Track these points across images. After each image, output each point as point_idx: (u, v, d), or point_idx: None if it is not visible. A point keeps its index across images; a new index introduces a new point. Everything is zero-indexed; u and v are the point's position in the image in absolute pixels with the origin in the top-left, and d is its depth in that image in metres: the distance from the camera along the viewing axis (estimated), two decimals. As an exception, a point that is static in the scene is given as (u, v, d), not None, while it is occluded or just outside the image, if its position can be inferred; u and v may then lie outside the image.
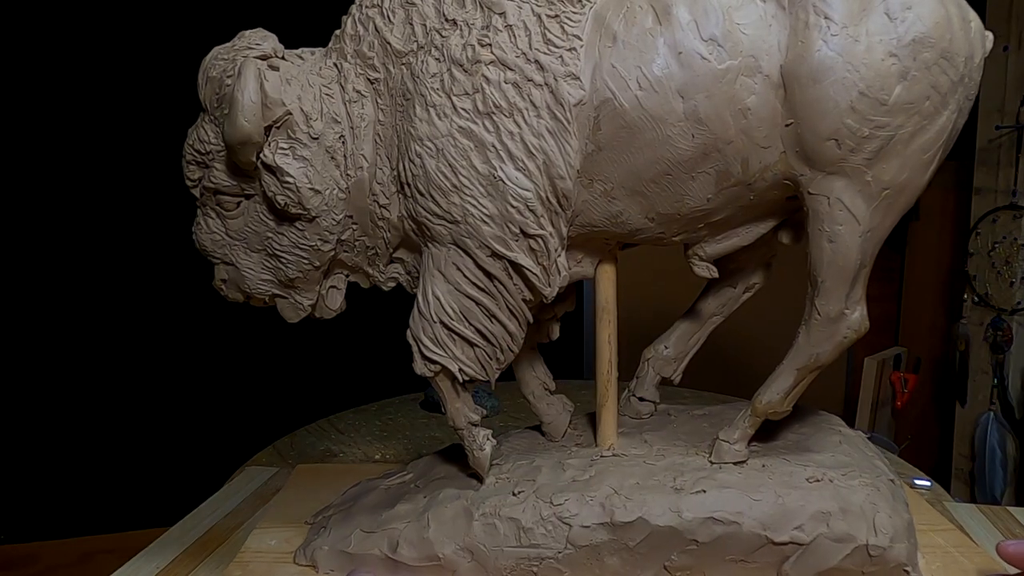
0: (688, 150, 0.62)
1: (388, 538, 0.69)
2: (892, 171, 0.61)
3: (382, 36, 0.66)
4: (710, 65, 0.60)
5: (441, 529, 0.68)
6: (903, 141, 0.60)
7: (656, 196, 0.64)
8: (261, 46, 0.65)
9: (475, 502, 0.69)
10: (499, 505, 0.68)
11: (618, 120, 0.62)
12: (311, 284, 0.71)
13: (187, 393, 1.59)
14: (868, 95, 0.58)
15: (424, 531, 0.68)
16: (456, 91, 0.62)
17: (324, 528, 0.74)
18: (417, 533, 0.69)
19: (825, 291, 0.64)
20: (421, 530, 0.69)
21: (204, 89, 0.65)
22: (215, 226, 0.70)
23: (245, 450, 1.18)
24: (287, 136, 0.64)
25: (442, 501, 0.70)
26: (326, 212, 0.67)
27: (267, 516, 0.82)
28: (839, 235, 0.63)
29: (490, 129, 0.62)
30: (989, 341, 1.99)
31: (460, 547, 0.67)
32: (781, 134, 0.62)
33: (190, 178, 0.69)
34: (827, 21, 0.59)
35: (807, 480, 0.67)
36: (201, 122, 0.67)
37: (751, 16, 0.60)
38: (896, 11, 0.58)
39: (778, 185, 0.65)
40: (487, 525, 0.67)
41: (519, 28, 0.62)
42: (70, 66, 1.51)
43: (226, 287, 0.73)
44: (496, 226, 0.63)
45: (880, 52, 0.58)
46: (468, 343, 0.67)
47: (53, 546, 1.23)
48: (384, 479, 0.81)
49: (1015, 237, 1.94)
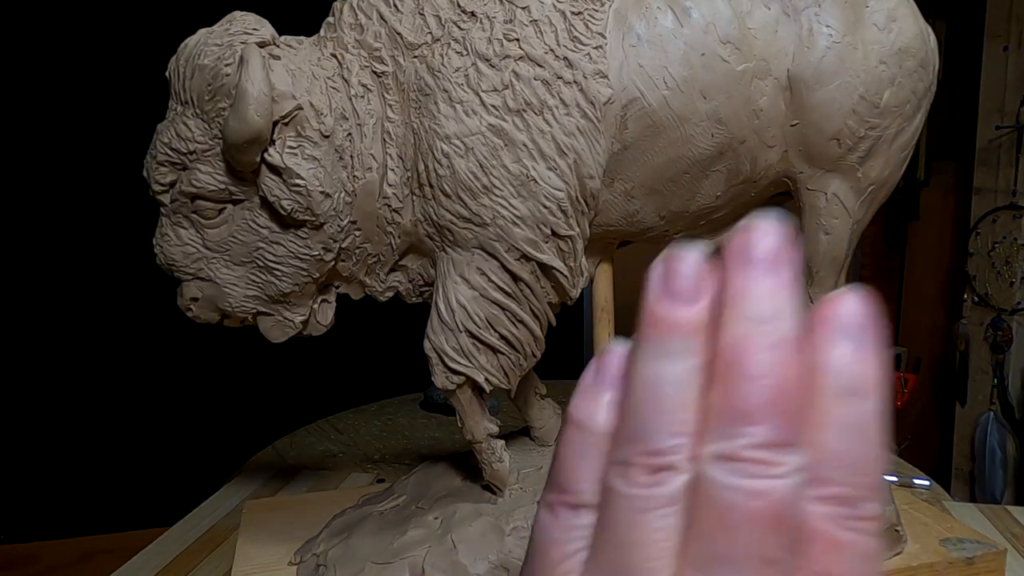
0: (707, 149, 0.64)
1: (410, 567, 0.64)
2: (877, 168, 0.67)
3: (390, 26, 0.61)
4: (729, 67, 0.62)
5: (470, 549, 0.64)
6: (888, 141, 0.66)
7: (671, 194, 0.66)
8: (260, 31, 0.58)
9: (501, 516, 0.66)
10: (528, 516, 0.65)
11: (645, 119, 0.62)
12: (305, 298, 0.65)
13: (187, 393, 1.56)
14: (866, 98, 0.64)
15: (451, 553, 0.64)
16: (484, 87, 0.59)
17: (323, 566, 0.67)
18: (444, 557, 0.64)
19: (819, 280, 0.69)
20: (447, 553, 0.64)
21: (190, 79, 0.57)
22: (189, 237, 0.61)
23: (245, 450, 1.18)
24: (296, 134, 0.58)
25: (462, 520, 0.66)
26: (333, 218, 0.61)
27: (242, 558, 0.73)
28: (834, 228, 0.68)
29: (521, 127, 0.60)
30: (989, 341, 1.99)
31: (495, 564, 0.64)
32: (785, 134, 0.66)
33: (160, 182, 0.59)
34: (828, 29, 0.63)
35: (804, 458, 0.72)
36: (180, 117, 0.58)
37: (760, 21, 0.64)
38: (883, 23, 0.64)
39: (775, 182, 0.69)
40: (521, 539, 0.64)
41: (544, 23, 0.60)
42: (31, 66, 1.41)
43: (197, 307, 0.64)
44: (528, 228, 0.61)
45: (874, 59, 0.64)
46: (493, 351, 0.64)
47: (53, 546, 1.20)
48: (373, 505, 0.75)
49: (1015, 237, 1.94)
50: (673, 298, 0.19)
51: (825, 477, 0.18)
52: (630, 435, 0.19)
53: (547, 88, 0.60)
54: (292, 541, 0.75)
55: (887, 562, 0.70)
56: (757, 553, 0.17)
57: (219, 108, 0.56)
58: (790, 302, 0.18)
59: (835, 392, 0.18)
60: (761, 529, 0.17)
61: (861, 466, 0.18)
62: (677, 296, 0.19)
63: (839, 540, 0.18)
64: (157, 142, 0.59)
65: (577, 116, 0.61)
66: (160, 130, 0.59)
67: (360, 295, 0.69)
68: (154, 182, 0.60)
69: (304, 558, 0.71)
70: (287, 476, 1.06)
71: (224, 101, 0.56)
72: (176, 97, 0.58)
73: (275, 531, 0.78)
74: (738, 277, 0.18)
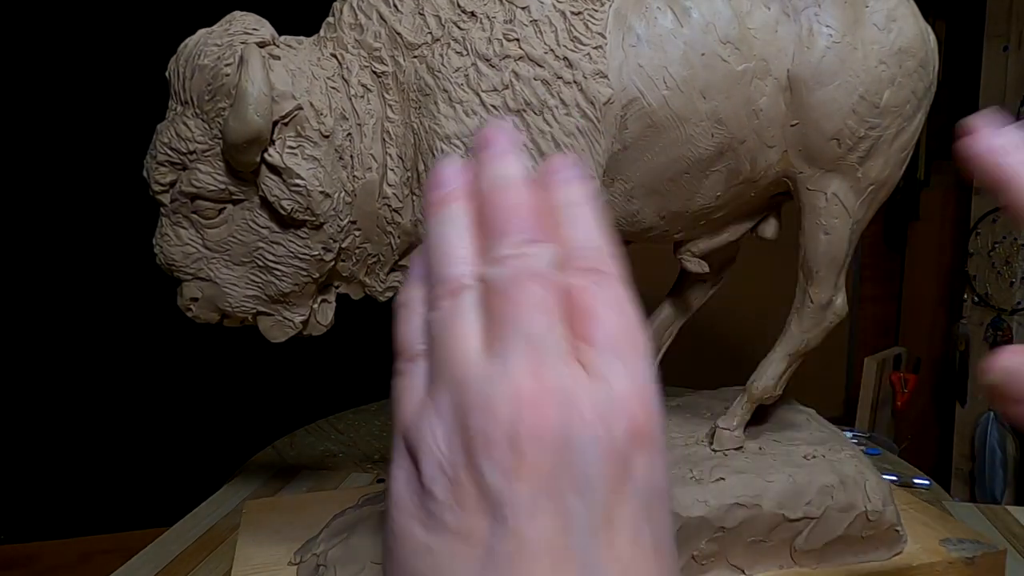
0: (708, 149, 0.64)
1: (410, 567, 0.64)
2: (877, 168, 0.67)
3: (390, 26, 0.61)
4: (729, 67, 0.62)
5: (470, 549, 0.64)
6: (888, 141, 0.66)
7: (671, 194, 0.66)
8: (259, 31, 0.58)
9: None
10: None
11: (645, 119, 0.62)
12: (305, 298, 0.65)
13: (187, 393, 1.55)
14: (866, 98, 0.64)
15: (451, 554, 0.64)
16: (484, 87, 0.59)
17: (323, 566, 0.67)
18: (444, 557, 0.64)
19: (819, 280, 0.69)
20: (447, 553, 0.64)
21: (190, 79, 0.57)
22: (189, 237, 0.61)
23: (245, 450, 1.18)
24: (296, 134, 0.58)
25: (462, 520, 0.66)
26: (333, 217, 0.61)
27: (242, 558, 0.73)
28: (834, 227, 0.68)
29: (520, 127, 0.60)
30: (989, 341, 1.98)
31: (494, 565, 0.64)
32: (785, 134, 0.65)
33: (159, 182, 0.59)
34: (828, 29, 0.63)
35: (804, 458, 0.72)
36: (180, 117, 0.58)
37: (760, 21, 0.64)
38: (883, 23, 0.64)
39: (775, 182, 0.69)
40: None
41: (544, 24, 0.60)
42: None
43: (196, 307, 0.63)
44: (527, 228, 0.61)
45: (874, 59, 0.64)
46: (493, 351, 0.64)
47: (53, 546, 1.21)
48: (373, 505, 0.75)
49: (1015, 237, 1.93)
50: (438, 185, 0.27)
51: (573, 257, 0.25)
52: (433, 280, 0.26)
53: (547, 88, 0.60)
54: (292, 541, 0.75)
55: (887, 562, 0.70)
56: (531, 304, 0.23)
57: (219, 108, 0.56)
58: (519, 165, 0.27)
59: (564, 204, 0.27)
60: (528, 289, 0.24)
61: (596, 244, 0.26)
62: (440, 184, 0.27)
63: (594, 290, 0.25)
64: (157, 142, 0.59)
65: (577, 116, 0.61)
66: (160, 130, 0.59)
67: (360, 295, 0.69)
68: (154, 182, 0.60)
69: (304, 558, 0.71)
70: (287, 476, 1.06)
71: (224, 101, 0.56)
72: (176, 97, 0.58)
73: (275, 531, 0.78)
74: (480, 160, 0.27)
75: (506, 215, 0.25)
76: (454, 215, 0.26)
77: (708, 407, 0.83)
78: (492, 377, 0.23)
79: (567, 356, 0.23)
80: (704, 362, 1.50)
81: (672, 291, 0.83)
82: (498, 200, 0.26)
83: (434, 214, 0.27)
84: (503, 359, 0.23)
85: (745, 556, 0.69)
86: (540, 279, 0.24)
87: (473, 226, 0.26)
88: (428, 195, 0.27)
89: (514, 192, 0.26)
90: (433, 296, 0.25)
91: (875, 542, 0.70)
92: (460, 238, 0.26)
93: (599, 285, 0.25)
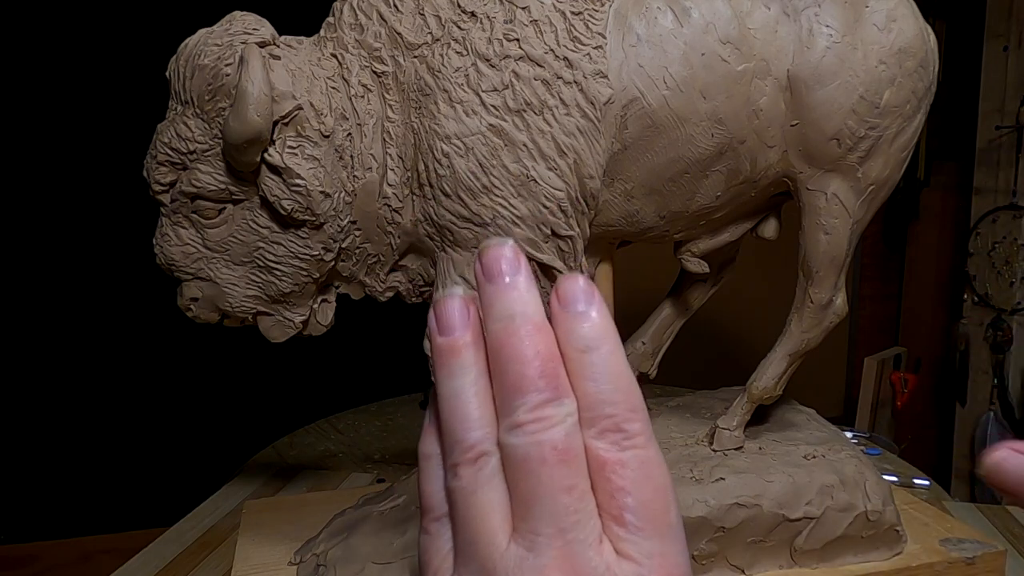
0: (707, 149, 0.64)
1: (410, 567, 0.64)
2: (877, 168, 0.67)
3: (390, 26, 0.61)
4: (729, 67, 0.62)
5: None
6: (888, 141, 0.66)
7: (671, 194, 0.66)
8: (259, 31, 0.58)
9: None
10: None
11: (645, 120, 0.62)
12: (305, 298, 0.65)
13: (187, 393, 1.55)
14: (866, 98, 0.64)
15: (451, 554, 0.64)
16: (484, 87, 0.59)
17: (323, 566, 0.67)
18: (444, 557, 0.64)
19: (819, 280, 0.69)
20: (447, 553, 0.64)
21: (190, 79, 0.57)
22: (189, 237, 0.61)
23: (245, 450, 1.18)
24: (296, 133, 0.58)
25: (462, 520, 0.66)
26: (333, 217, 0.61)
27: (242, 558, 0.73)
28: (834, 228, 0.68)
29: (520, 127, 0.60)
30: (989, 341, 1.99)
31: (495, 565, 0.64)
32: (785, 134, 0.65)
33: (160, 182, 0.59)
34: (828, 29, 0.63)
35: (804, 458, 0.72)
36: (180, 117, 0.58)
37: (760, 21, 0.64)
38: (883, 23, 0.64)
39: (775, 182, 0.68)
40: (521, 539, 0.64)
41: (544, 24, 0.60)
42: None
43: (197, 307, 0.64)
44: (527, 228, 0.61)
45: (874, 59, 0.64)
46: (493, 351, 0.64)
47: (53, 546, 1.21)
48: (373, 505, 0.75)
49: (1015, 237, 1.94)
50: (444, 331, 0.25)
51: (594, 415, 0.23)
52: (449, 444, 0.24)
53: (547, 88, 0.60)
54: (292, 541, 0.75)
55: (887, 562, 0.70)
56: (556, 485, 0.22)
57: (219, 108, 0.56)
58: (528, 298, 0.24)
59: (578, 349, 0.24)
60: (552, 466, 0.22)
61: (617, 397, 0.24)
62: (446, 329, 0.25)
63: (621, 458, 0.23)
64: (157, 142, 0.59)
65: (577, 116, 0.61)
66: (160, 130, 0.59)
67: (360, 295, 0.69)
68: (154, 182, 0.60)
69: (304, 558, 0.71)
70: (287, 476, 1.06)
71: (224, 101, 0.56)
72: (176, 97, 0.58)
73: (275, 531, 0.78)
74: (485, 293, 0.25)
75: (520, 370, 0.24)
76: (465, 367, 0.25)
77: (708, 407, 0.83)
78: (524, 574, 0.22)
79: (596, 543, 0.23)
80: (704, 362, 1.50)
81: (672, 291, 0.83)
82: (510, 350, 0.24)
83: (443, 365, 0.25)
84: (535, 553, 0.22)
85: (745, 556, 0.69)
86: (563, 452, 0.23)
87: (486, 377, 0.25)
88: (435, 339, 0.25)
89: (527, 340, 0.24)
90: (452, 463, 0.24)
91: (875, 542, 0.70)
92: (475, 396, 0.24)
93: (624, 450, 0.23)
